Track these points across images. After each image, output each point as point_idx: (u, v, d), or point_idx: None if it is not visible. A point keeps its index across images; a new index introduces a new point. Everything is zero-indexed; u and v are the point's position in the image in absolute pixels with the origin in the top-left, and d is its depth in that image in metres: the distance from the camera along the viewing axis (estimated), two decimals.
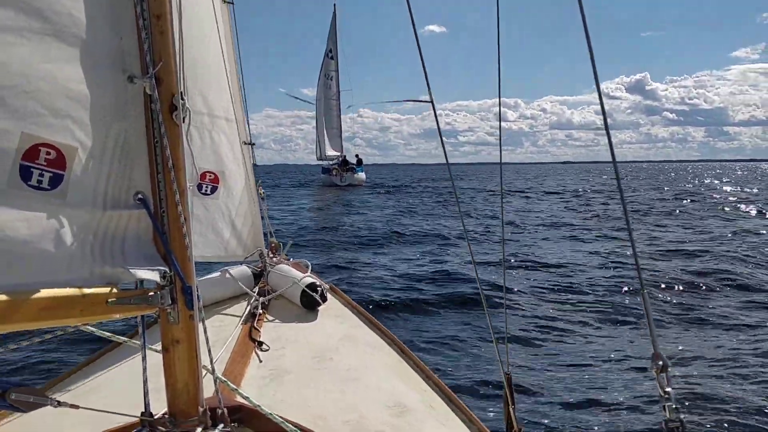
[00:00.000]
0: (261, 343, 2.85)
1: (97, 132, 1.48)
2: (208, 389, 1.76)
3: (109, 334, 2.13)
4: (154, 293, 1.59)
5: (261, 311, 3.27)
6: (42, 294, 1.35)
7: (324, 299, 3.43)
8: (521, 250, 13.23)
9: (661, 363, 1.24)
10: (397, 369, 2.86)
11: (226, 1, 3.66)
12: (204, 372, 1.75)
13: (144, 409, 1.69)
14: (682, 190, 39.97)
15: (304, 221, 20.75)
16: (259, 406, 1.92)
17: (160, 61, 1.54)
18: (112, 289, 1.50)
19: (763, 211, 22.56)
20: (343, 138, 47.45)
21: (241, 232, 3.75)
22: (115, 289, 1.51)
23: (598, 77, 1.36)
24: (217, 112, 3.38)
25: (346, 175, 44.81)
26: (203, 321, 1.71)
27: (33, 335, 1.84)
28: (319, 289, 3.41)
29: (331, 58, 46.07)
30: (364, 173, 47.77)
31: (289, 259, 4.21)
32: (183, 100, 1.61)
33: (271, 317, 3.30)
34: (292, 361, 2.71)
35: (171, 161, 1.57)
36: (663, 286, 9.47)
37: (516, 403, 2.38)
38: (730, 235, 15.78)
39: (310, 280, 3.49)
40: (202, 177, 3.41)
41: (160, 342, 1.67)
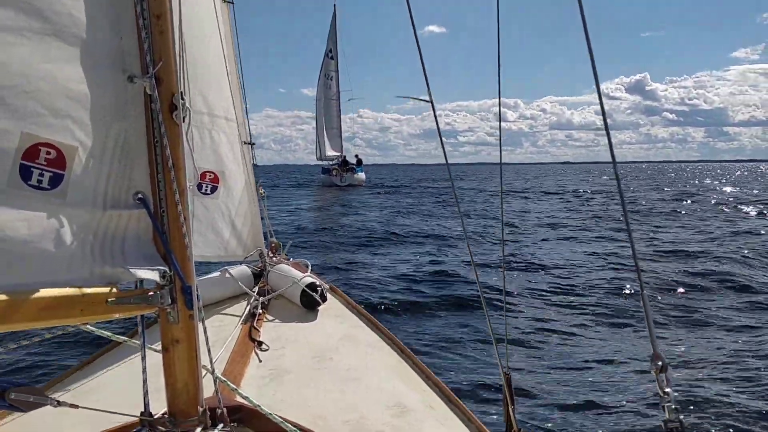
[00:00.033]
0: (261, 343, 2.85)
1: (97, 132, 1.48)
2: (207, 389, 1.76)
3: (109, 334, 2.13)
4: (153, 293, 1.59)
5: (261, 311, 3.28)
6: (42, 294, 1.35)
7: (324, 299, 3.43)
8: (521, 251, 13.22)
9: (660, 363, 1.25)
10: (397, 369, 2.86)
11: (226, 0, 3.66)
12: (204, 372, 1.75)
13: (143, 409, 1.69)
14: (682, 191, 39.98)
15: (304, 222, 20.74)
16: (258, 406, 1.92)
17: (160, 61, 1.54)
18: (111, 288, 1.50)
19: (764, 212, 22.57)
20: (343, 138, 47.51)
21: (241, 232, 3.75)
22: (114, 289, 1.51)
23: (598, 77, 1.36)
24: (217, 111, 3.38)
25: (346, 175, 44.82)
26: (203, 321, 1.71)
27: (33, 335, 1.84)
28: (319, 288, 3.41)
29: (331, 58, 46.07)
30: (363, 173, 47.79)
31: (289, 259, 4.21)
32: (183, 99, 1.61)
33: (271, 317, 3.30)
34: (291, 361, 2.71)
35: (171, 161, 1.57)
36: (662, 287, 9.46)
37: (515, 404, 2.37)
38: (729, 236, 15.78)
39: (310, 279, 3.49)
40: (202, 177, 3.41)
41: (160, 342, 1.67)
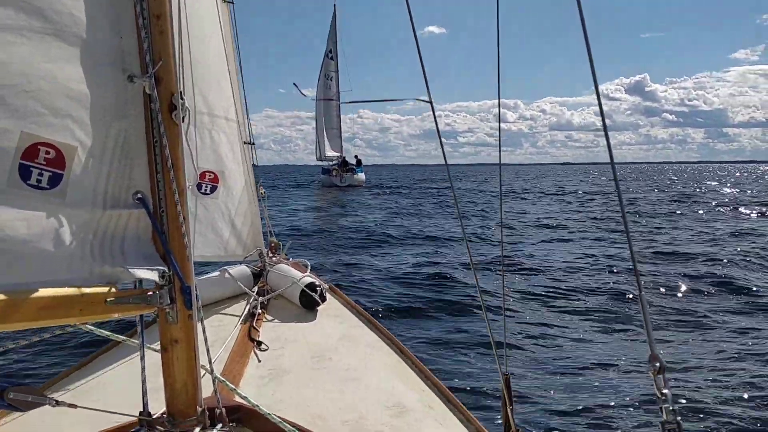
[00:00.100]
0: (260, 343, 2.85)
1: (96, 131, 1.48)
2: (206, 389, 1.76)
3: (108, 334, 2.13)
4: (152, 293, 1.59)
5: (260, 311, 3.27)
6: (41, 293, 1.35)
7: (323, 299, 3.43)
8: (520, 252, 13.21)
9: (658, 365, 1.24)
10: (396, 369, 2.86)
11: (226, 0, 3.66)
12: (203, 372, 1.75)
13: (142, 409, 1.69)
14: (681, 192, 39.99)
15: (303, 223, 20.72)
16: (257, 406, 1.92)
17: (159, 61, 1.54)
18: (111, 288, 1.50)
19: (763, 213, 22.57)
20: (343, 139, 47.51)
21: (241, 232, 3.75)
22: (114, 289, 1.51)
23: (597, 79, 1.36)
24: (217, 111, 3.37)
25: (345, 175, 44.83)
26: (202, 321, 1.71)
27: (32, 334, 1.84)
28: (318, 288, 3.41)
29: (331, 58, 46.06)
30: (363, 174, 47.81)
31: (288, 259, 4.21)
32: (182, 99, 1.61)
33: (271, 317, 3.30)
34: (291, 360, 2.71)
35: (170, 161, 1.57)
36: (661, 288, 9.46)
37: (514, 405, 2.37)
38: (729, 237, 15.79)
39: (309, 279, 3.49)
40: (202, 176, 3.41)
41: (159, 342, 1.67)
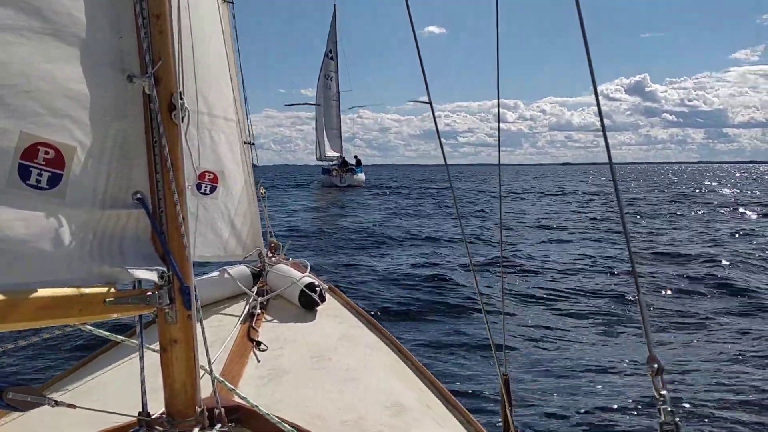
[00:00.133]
0: (259, 343, 2.85)
1: (96, 131, 1.48)
2: (205, 389, 1.76)
3: (107, 334, 2.13)
4: (152, 293, 1.59)
5: (259, 311, 3.27)
6: (40, 293, 1.35)
7: (323, 299, 3.43)
8: (519, 253, 13.22)
9: (656, 366, 1.25)
10: (395, 369, 2.86)
11: (226, 0, 3.66)
12: (202, 372, 1.75)
13: (141, 409, 1.69)
14: (681, 193, 40.00)
15: (302, 223, 20.72)
16: (256, 406, 1.92)
17: (159, 61, 1.54)
18: (110, 288, 1.50)
19: (763, 213, 22.57)
20: (343, 139, 47.52)
21: (240, 232, 3.75)
22: (113, 289, 1.51)
23: (595, 79, 1.36)
24: (217, 111, 3.37)
25: (345, 176, 44.84)
26: (201, 321, 1.71)
27: (31, 334, 1.84)
28: (317, 289, 3.41)
29: (331, 58, 46.07)
30: (363, 174, 47.82)
31: (288, 259, 4.21)
32: (182, 99, 1.61)
33: (270, 317, 3.29)
34: (290, 361, 2.71)
35: (170, 161, 1.57)
36: (660, 289, 9.47)
37: (513, 406, 2.38)
38: (728, 238, 15.79)
39: (308, 280, 3.49)
40: (201, 176, 3.40)
41: (158, 342, 1.67)
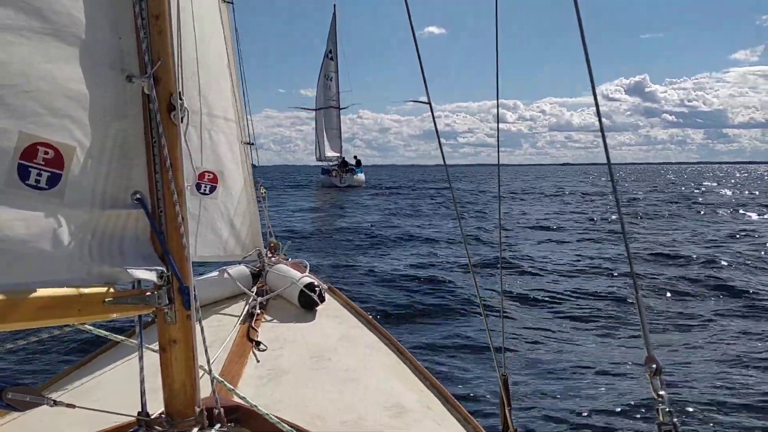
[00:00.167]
0: (259, 343, 2.85)
1: (95, 131, 1.48)
2: (205, 389, 1.76)
3: (107, 334, 2.13)
4: (151, 293, 1.59)
5: (259, 311, 3.27)
6: (40, 293, 1.35)
7: (322, 299, 3.43)
8: (518, 254, 13.23)
9: (654, 366, 1.25)
10: (395, 369, 2.86)
11: (226, 0, 3.66)
12: (201, 372, 1.75)
13: (141, 409, 1.69)
14: (680, 193, 40.00)
15: (302, 223, 20.73)
16: (256, 407, 1.92)
17: (158, 61, 1.54)
18: (109, 288, 1.50)
19: (763, 214, 22.58)
20: (343, 139, 47.55)
21: (240, 232, 3.75)
22: (112, 289, 1.51)
23: (594, 80, 1.36)
24: (217, 111, 3.37)
25: (345, 176, 44.84)
26: (200, 321, 1.71)
27: (30, 334, 1.84)
28: (317, 289, 3.41)
29: (331, 59, 46.08)
30: (363, 174, 47.83)
31: (287, 259, 4.21)
32: (181, 99, 1.61)
33: (269, 317, 3.29)
34: (290, 361, 2.71)
35: (169, 161, 1.57)
36: (659, 290, 9.47)
37: (512, 406, 2.38)
38: (727, 239, 15.80)
39: (308, 280, 3.49)
40: (201, 176, 3.40)
41: (158, 342, 1.67)
